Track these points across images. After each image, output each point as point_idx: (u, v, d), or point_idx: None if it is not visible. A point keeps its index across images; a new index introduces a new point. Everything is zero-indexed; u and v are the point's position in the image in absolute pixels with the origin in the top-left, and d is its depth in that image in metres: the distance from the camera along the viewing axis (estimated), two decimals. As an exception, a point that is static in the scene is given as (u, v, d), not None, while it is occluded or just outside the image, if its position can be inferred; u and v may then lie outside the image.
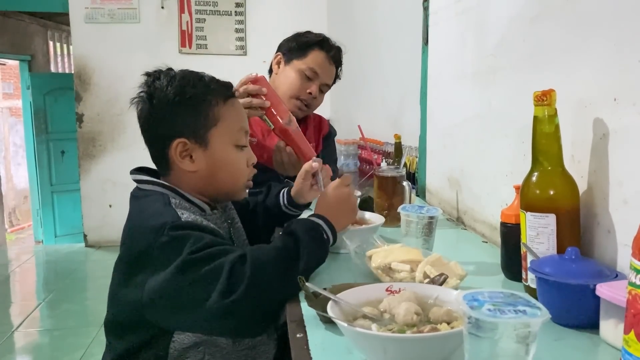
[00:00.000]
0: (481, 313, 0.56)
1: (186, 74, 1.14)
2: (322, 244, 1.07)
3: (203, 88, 1.12)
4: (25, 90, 6.37)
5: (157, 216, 1.01)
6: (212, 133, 1.12)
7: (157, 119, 1.12)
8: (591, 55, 0.94)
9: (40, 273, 5.22)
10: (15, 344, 3.39)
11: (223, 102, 1.13)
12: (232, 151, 1.15)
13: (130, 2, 4.89)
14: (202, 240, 0.96)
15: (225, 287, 0.91)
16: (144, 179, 1.13)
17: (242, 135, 1.17)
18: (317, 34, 1.95)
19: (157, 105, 1.10)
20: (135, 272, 1.00)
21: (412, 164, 2.05)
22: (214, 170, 1.13)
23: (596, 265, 0.84)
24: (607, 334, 0.76)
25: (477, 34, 1.45)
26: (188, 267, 0.93)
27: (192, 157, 1.11)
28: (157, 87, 1.11)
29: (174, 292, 0.95)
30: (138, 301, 0.99)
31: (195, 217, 1.05)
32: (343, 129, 3.97)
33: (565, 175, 0.92)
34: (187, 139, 1.10)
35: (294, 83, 1.88)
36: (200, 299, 0.92)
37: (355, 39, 3.46)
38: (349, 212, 1.20)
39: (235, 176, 1.17)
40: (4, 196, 6.53)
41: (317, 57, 1.89)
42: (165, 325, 1.03)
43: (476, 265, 1.15)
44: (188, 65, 1.20)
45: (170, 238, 0.96)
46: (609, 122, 0.89)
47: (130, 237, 1.05)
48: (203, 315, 0.94)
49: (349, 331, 0.71)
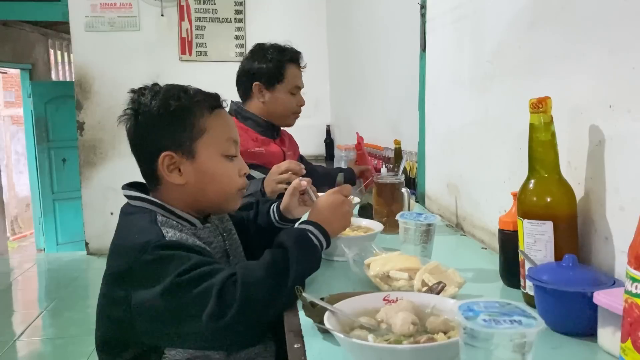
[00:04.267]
0: (476, 323, 0.56)
1: (170, 87, 1.14)
2: (311, 251, 1.06)
3: (187, 100, 1.11)
4: (26, 98, 6.39)
5: (141, 234, 1.01)
6: (199, 144, 1.11)
7: (143, 134, 1.12)
8: (586, 63, 0.94)
9: (42, 281, 5.23)
10: (18, 353, 3.39)
11: (209, 113, 1.13)
12: (221, 161, 1.14)
13: (131, 10, 4.91)
14: (188, 261, 0.95)
15: (215, 310, 0.90)
16: (133, 195, 1.13)
17: (231, 145, 1.16)
18: (278, 49, 2.05)
19: (143, 120, 1.11)
20: (119, 290, 1.00)
21: (412, 169, 2.05)
22: (203, 181, 1.12)
23: (594, 273, 0.84)
24: (605, 342, 0.76)
25: (474, 40, 1.46)
26: (176, 289, 0.93)
27: (180, 170, 1.11)
28: (142, 102, 1.11)
29: (164, 313, 0.95)
30: (124, 318, 0.99)
31: (180, 235, 1.04)
32: (342, 134, 3.98)
33: (562, 182, 0.93)
34: (173, 152, 1.10)
35: (289, 104, 2.07)
36: (191, 321, 0.92)
37: (354, 46, 3.47)
38: (341, 217, 1.17)
39: (225, 187, 1.15)
40: (6, 204, 6.54)
41: (292, 72, 2.06)
42: (154, 341, 1.02)
43: (475, 272, 1.14)
44: (188, 72, 1.21)
45: (154, 257, 0.96)
46: (605, 129, 0.89)
47: (114, 254, 1.06)
48: (195, 335, 0.94)
49: (345, 342, 0.71)
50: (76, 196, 5.35)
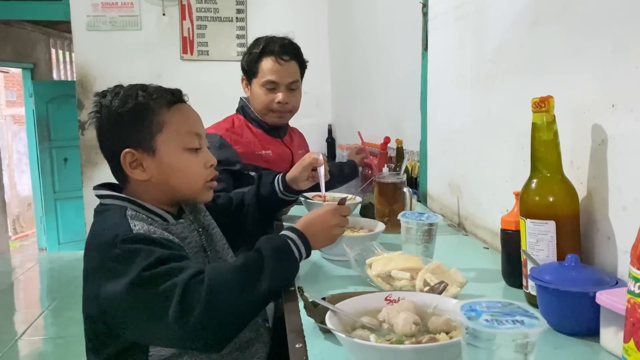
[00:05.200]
0: (478, 323, 0.56)
1: (130, 86, 1.16)
2: (288, 263, 1.05)
3: (145, 97, 1.14)
4: (28, 98, 6.40)
5: (110, 229, 1.03)
6: (158, 140, 1.13)
7: (107, 135, 1.15)
8: (589, 62, 0.94)
9: (44, 280, 5.24)
10: (19, 352, 3.39)
11: (167, 108, 1.14)
12: (182, 155, 1.15)
13: (132, 9, 4.91)
14: (152, 255, 0.96)
15: (178, 312, 0.90)
16: (104, 194, 1.15)
17: (192, 138, 1.17)
18: (260, 42, 1.96)
19: (105, 121, 1.14)
20: (93, 286, 1.01)
21: (414, 169, 2.05)
22: (167, 176, 1.14)
23: (596, 273, 0.84)
24: (607, 342, 0.76)
25: (476, 39, 1.45)
26: (140, 285, 0.93)
27: (143, 166, 1.13)
28: (103, 104, 1.14)
29: (129, 308, 0.96)
30: (98, 314, 1.01)
31: (148, 228, 1.05)
32: (344, 134, 3.98)
33: (564, 181, 0.92)
34: (134, 149, 1.12)
35: (262, 99, 1.97)
36: (154, 320, 0.93)
37: (356, 44, 3.47)
38: (328, 237, 1.15)
39: (190, 180, 1.17)
40: (7, 204, 6.55)
41: (266, 66, 1.94)
42: (126, 336, 1.03)
43: (477, 272, 1.14)
44: (189, 72, 1.24)
45: (121, 251, 0.97)
46: (608, 128, 0.89)
47: (88, 252, 1.07)
48: (162, 334, 0.95)
49: (347, 342, 0.70)
50: (77, 195, 5.35)
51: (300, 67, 2.03)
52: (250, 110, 2.03)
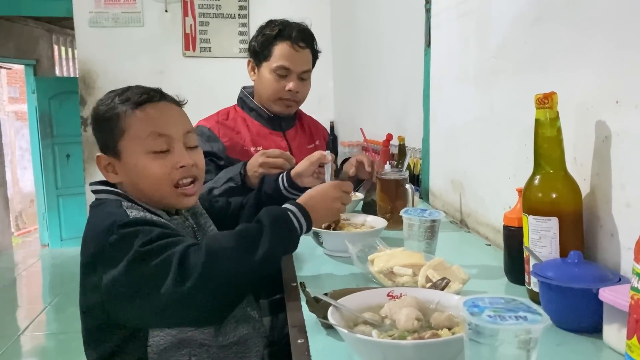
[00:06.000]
0: (481, 319, 0.56)
1: (113, 91, 1.18)
2: (288, 232, 1.05)
3: (113, 102, 1.14)
4: (30, 94, 6.40)
5: (107, 218, 1.03)
6: (121, 144, 1.13)
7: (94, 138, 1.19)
8: (593, 58, 0.94)
9: (46, 276, 5.25)
10: (22, 348, 3.40)
11: (132, 111, 1.12)
12: (144, 159, 1.12)
13: (134, 6, 4.90)
14: (151, 233, 0.97)
15: (177, 277, 0.91)
16: (99, 189, 1.16)
17: (157, 141, 1.12)
18: (275, 24, 1.85)
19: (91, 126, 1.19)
20: (92, 277, 1.02)
21: (416, 166, 2.05)
22: (134, 180, 1.14)
23: (599, 269, 0.83)
24: (610, 339, 0.75)
25: (479, 36, 1.45)
26: (139, 260, 0.95)
27: (115, 169, 1.14)
28: (93, 109, 1.18)
29: (128, 285, 0.96)
30: (98, 304, 1.01)
31: (144, 214, 1.06)
32: (346, 131, 3.97)
33: (567, 178, 0.92)
34: (104, 154, 1.15)
35: (271, 86, 1.84)
36: (154, 289, 0.93)
37: (358, 41, 3.46)
38: (329, 210, 1.16)
39: (154, 184, 1.13)
40: (10, 200, 6.57)
41: (281, 50, 1.82)
42: (127, 320, 1.03)
43: (479, 269, 1.14)
44: (192, 68, 1.24)
45: (119, 236, 0.98)
46: (611, 124, 0.89)
47: (85, 243, 1.07)
48: (160, 305, 0.94)
49: (349, 337, 0.70)
50: (80, 192, 5.35)
51: (313, 57, 1.92)
52: (250, 100, 1.93)
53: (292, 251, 1.08)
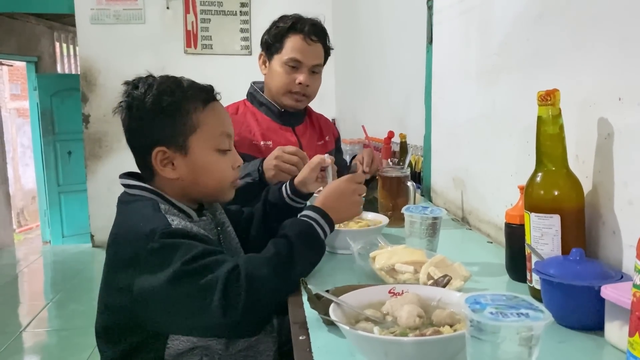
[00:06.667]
0: (483, 316, 0.56)
1: (164, 80, 1.13)
2: (316, 246, 1.08)
3: (180, 95, 1.11)
4: (32, 91, 6.40)
5: (146, 222, 1.01)
6: (192, 139, 1.11)
7: (137, 129, 1.13)
8: (595, 55, 0.93)
9: (48, 273, 5.25)
10: (24, 344, 3.41)
11: (202, 108, 1.12)
12: (214, 156, 1.14)
13: (136, 2, 4.90)
14: (194, 249, 0.96)
15: (223, 304, 0.92)
16: (132, 184, 1.13)
17: (224, 139, 1.16)
18: (288, 18, 1.85)
19: (136, 114, 1.11)
20: (124, 277, 1.00)
21: (417, 163, 2.04)
22: (196, 175, 1.13)
23: (601, 267, 0.83)
24: (612, 336, 0.75)
25: (481, 33, 1.44)
26: (181, 278, 0.94)
27: (174, 164, 1.11)
28: (135, 96, 1.11)
29: (168, 301, 0.96)
30: (127, 305, 1.00)
31: (185, 224, 1.04)
32: (348, 128, 3.97)
33: (569, 175, 0.92)
34: (166, 147, 1.10)
35: (281, 79, 1.83)
36: (197, 310, 0.94)
37: (360, 38, 3.46)
38: (350, 205, 1.18)
39: (219, 180, 1.16)
40: (12, 197, 6.57)
41: (293, 43, 1.81)
42: (157, 327, 1.03)
43: (481, 266, 1.14)
44: (193, 65, 1.22)
45: (161, 245, 0.96)
46: (614, 121, 0.88)
47: (118, 242, 1.06)
48: (197, 326, 0.97)
49: (350, 334, 0.70)
50: (82, 189, 5.37)
51: (325, 53, 1.91)
52: (260, 95, 1.93)
53: (319, 260, 1.10)
